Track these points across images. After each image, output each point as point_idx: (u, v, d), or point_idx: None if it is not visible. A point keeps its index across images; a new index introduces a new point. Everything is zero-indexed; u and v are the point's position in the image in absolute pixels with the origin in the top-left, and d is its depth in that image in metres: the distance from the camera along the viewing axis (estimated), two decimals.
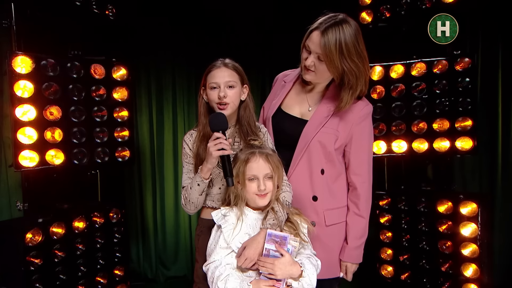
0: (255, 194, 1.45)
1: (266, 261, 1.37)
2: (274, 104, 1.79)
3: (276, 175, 1.47)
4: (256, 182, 1.43)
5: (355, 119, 1.65)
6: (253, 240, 1.42)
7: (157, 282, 3.62)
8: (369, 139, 1.72)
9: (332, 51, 1.49)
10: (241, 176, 1.45)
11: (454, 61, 2.67)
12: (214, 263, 1.44)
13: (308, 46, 1.57)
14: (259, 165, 1.43)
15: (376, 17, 2.90)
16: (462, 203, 2.58)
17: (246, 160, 1.44)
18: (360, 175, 1.68)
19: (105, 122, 2.58)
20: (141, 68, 3.60)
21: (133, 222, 3.63)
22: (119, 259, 2.67)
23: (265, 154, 1.45)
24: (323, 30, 1.50)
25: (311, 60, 1.56)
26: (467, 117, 2.63)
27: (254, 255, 1.40)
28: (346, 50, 1.50)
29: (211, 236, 1.52)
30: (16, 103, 2.23)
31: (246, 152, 1.47)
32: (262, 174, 1.43)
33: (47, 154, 2.31)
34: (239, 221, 1.47)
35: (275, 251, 1.39)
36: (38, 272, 2.19)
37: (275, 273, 1.36)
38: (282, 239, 1.40)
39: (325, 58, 1.51)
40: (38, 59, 2.29)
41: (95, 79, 2.54)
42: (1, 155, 2.84)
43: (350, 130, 1.66)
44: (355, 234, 1.69)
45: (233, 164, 1.48)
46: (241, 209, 1.48)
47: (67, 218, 2.39)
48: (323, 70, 1.57)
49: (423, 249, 2.73)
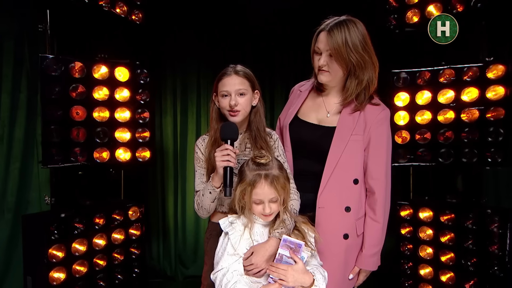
0: (260, 214, 1.46)
1: (279, 266, 1.37)
2: (291, 113, 1.80)
3: (281, 197, 1.45)
4: (261, 206, 1.43)
5: (373, 123, 1.64)
6: (261, 247, 1.42)
7: (175, 280, 3.69)
8: (387, 143, 1.69)
9: (340, 45, 1.54)
10: (247, 198, 1.44)
11: (486, 68, 2.53)
12: (222, 270, 1.44)
13: (318, 48, 1.61)
14: (264, 191, 1.42)
15: (402, 22, 2.81)
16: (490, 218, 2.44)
17: (252, 184, 1.42)
18: (378, 180, 1.66)
19: (127, 123, 2.66)
20: (167, 70, 3.71)
21: (155, 221, 3.73)
22: (136, 256, 2.75)
23: (271, 179, 1.42)
24: (329, 29, 1.57)
25: (323, 60, 1.60)
26: (499, 128, 2.48)
27: (261, 262, 1.41)
28: (352, 43, 1.55)
29: (219, 243, 1.53)
30: (45, 103, 2.35)
31: (252, 173, 1.43)
32: (268, 199, 1.43)
33: (72, 152, 2.42)
34: (246, 228, 1.48)
35: (289, 257, 1.38)
36: (59, 265, 2.29)
37: (287, 279, 1.35)
38: (297, 246, 1.39)
39: (333, 52, 1.56)
40: (67, 62, 2.41)
41: (119, 81, 2.62)
42: (34, 151, 3.02)
43: (368, 134, 1.64)
44: (371, 241, 1.66)
45: (239, 178, 1.49)
46: (249, 216, 1.49)
47: (88, 214, 2.48)
48: (336, 67, 1.60)
49: (446, 264, 2.60)
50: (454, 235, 2.58)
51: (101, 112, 2.55)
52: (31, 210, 2.93)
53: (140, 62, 2.75)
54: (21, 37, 2.89)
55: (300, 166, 1.67)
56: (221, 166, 1.44)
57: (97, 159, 2.52)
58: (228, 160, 1.43)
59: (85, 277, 2.43)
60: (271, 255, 1.42)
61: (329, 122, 1.70)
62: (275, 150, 1.68)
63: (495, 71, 2.51)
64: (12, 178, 2.88)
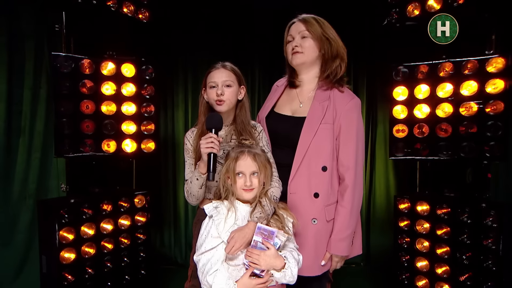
0: (242, 188, 1.57)
1: (253, 252, 1.49)
2: (267, 107, 1.91)
3: (262, 173, 1.58)
4: (243, 178, 1.56)
5: (342, 111, 1.71)
6: (240, 231, 1.53)
7: (186, 267, 3.81)
8: (357, 131, 1.74)
9: (313, 22, 1.74)
10: (231, 172, 1.58)
11: (486, 61, 2.49)
12: (206, 255, 1.56)
13: (291, 35, 1.78)
14: (246, 163, 1.56)
15: (403, 15, 2.80)
16: (484, 212, 2.42)
17: (236, 158, 1.57)
18: (348, 167, 1.72)
19: (133, 116, 2.83)
20: (180, 66, 3.86)
21: (166, 210, 3.92)
22: (142, 241, 2.93)
23: (253, 154, 1.58)
24: (301, 18, 1.77)
25: (295, 42, 1.75)
26: (497, 121, 2.45)
27: (239, 244, 1.51)
28: (322, 22, 1.76)
29: (202, 226, 1.65)
30: (58, 98, 2.55)
31: (236, 150, 1.60)
32: (249, 171, 1.56)
33: (82, 143, 2.62)
34: (230, 212, 1.59)
35: (262, 243, 1.49)
36: (69, 246, 2.50)
37: (259, 263, 1.47)
38: (270, 233, 1.50)
39: (308, 28, 1.73)
40: (77, 60, 2.60)
41: (125, 77, 2.79)
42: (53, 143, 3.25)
43: (339, 122, 1.71)
44: (338, 226, 1.73)
45: (224, 161, 1.62)
46: (232, 202, 1.60)
47: (96, 200, 2.68)
48: (309, 45, 1.74)
49: (442, 257, 2.61)
50: (449, 228, 2.58)
51: (109, 106, 2.73)
52: (50, 197, 3.17)
53: (147, 59, 2.90)
54: (41, 36, 3.12)
55: (277, 158, 1.75)
56: (205, 152, 1.56)
57: (105, 150, 2.71)
58: (211, 147, 1.55)
59: (93, 258, 2.62)
60: (249, 238, 1.52)
61: (301, 112, 1.79)
62: (259, 141, 1.78)
63: (495, 64, 2.48)
64: (33, 167, 3.12)
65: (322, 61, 1.79)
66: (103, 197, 2.72)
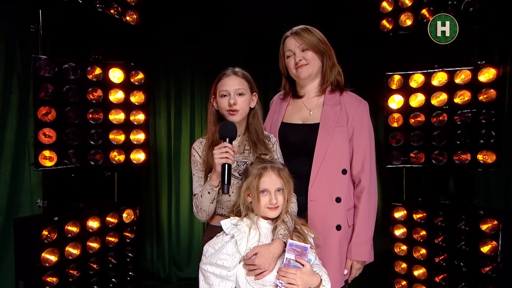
0: (266, 207, 1.46)
1: (288, 271, 1.38)
2: (276, 119, 1.86)
3: (286, 189, 1.48)
4: (268, 196, 1.45)
5: (354, 115, 1.73)
6: (266, 249, 1.41)
7: (169, 283, 3.67)
8: (370, 134, 1.76)
9: (308, 33, 1.72)
10: (253, 189, 1.46)
11: (477, 71, 2.57)
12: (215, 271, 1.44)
13: (290, 50, 1.75)
14: (271, 180, 1.46)
15: (396, 25, 2.84)
16: (482, 220, 2.47)
17: (259, 174, 1.46)
18: (363, 169, 1.71)
19: (121, 125, 2.63)
20: (161, 72, 3.68)
21: (148, 223, 3.70)
22: (131, 259, 2.72)
23: (277, 169, 1.48)
24: (295, 32, 1.74)
25: (298, 56, 1.72)
26: (491, 130, 2.52)
27: (264, 263, 1.40)
28: (318, 34, 1.74)
29: (218, 239, 1.51)
30: (38, 104, 2.31)
31: (258, 167, 1.48)
32: (274, 188, 1.46)
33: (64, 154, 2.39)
34: (252, 230, 1.47)
35: (296, 261, 1.39)
36: (52, 269, 2.25)
37: (297, 283, 1.36)
38: (303, 249, 1.40)
39: (305, 40, 1.71)
40: (60, 63, 2.37)
41: (114, 83, 2.60)
42: (25, 153, 2.96)
43: (351, 125, 1.71)
44: (357, 229, 1.70)
45: (244, 178, 1.51)
46: (253, 219, 1.49)
47: (82, 217, 2.45)
48: (312, 56, 1.73)
49: (439, 265, 2.64)
50: (447, 236, 2.61)
51: (95, 114, 2.52)
52: (22, 214, 2.87)
53: (134, 63, 2.72)
54: (12, 37, 2.84)
55: (290, 168, 1.67)
56: (220, 163, 1.44)
57: (91, 161, 2.49)
58: (226, 157, 1.43)
59: (78, 281, 2.39)
60: (275, 257, 1.42)
61: (312, 119, 1.76)
62: (274, 153, 1.68)
63: (486, 74, 2.56)
64: (2, 181, 2.82)
65: (323, 69, 1.79)
66: (89, 213, 2.49)
